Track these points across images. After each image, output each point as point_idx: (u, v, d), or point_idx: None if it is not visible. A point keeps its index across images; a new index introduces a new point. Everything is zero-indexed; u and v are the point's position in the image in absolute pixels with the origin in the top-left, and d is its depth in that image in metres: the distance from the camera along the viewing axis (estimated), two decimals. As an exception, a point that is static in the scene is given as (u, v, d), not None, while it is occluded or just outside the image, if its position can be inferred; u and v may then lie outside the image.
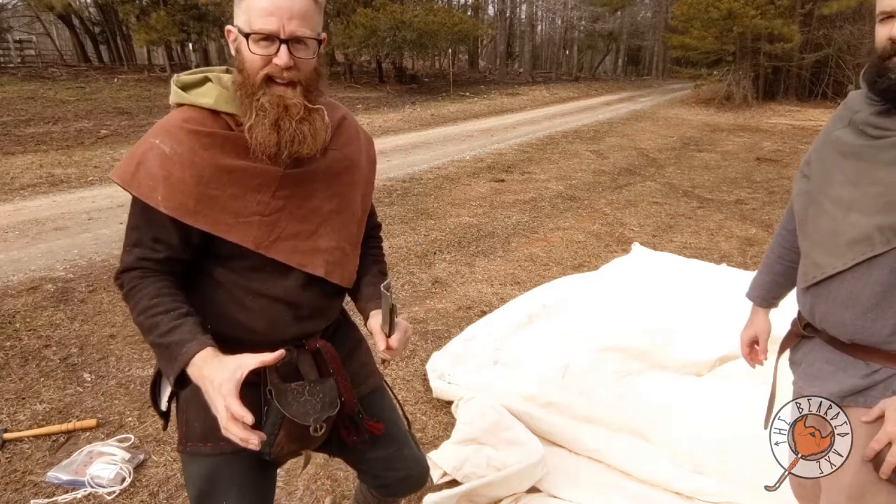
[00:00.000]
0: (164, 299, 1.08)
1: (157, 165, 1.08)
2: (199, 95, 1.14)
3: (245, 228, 1.12)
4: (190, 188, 1.08)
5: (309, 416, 1.17)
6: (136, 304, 1.09)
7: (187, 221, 1.08)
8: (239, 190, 1.12)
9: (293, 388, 1.19)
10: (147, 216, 1.10)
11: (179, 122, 1.11)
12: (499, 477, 2.12)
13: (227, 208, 1.11)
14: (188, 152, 1.08)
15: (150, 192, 1.07)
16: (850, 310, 1.19)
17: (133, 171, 1.09)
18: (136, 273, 1.11)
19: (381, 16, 20.20)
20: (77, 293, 4.09)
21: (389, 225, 5.82)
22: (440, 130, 13.11)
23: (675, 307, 3.52)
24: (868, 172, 1.17)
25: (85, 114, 12.94)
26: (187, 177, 1.08)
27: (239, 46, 1.09)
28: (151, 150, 1.09)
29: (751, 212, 6.50)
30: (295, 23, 1.05)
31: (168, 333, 1.05)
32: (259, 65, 1.07)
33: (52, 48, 28.39)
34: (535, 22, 41.22)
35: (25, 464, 2.38)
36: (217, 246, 1.14)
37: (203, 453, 1.21)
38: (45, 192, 6.97)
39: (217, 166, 1.10)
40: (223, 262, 1.17)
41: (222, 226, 1.11)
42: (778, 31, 18.82)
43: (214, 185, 1.10)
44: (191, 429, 1.22)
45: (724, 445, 2.35)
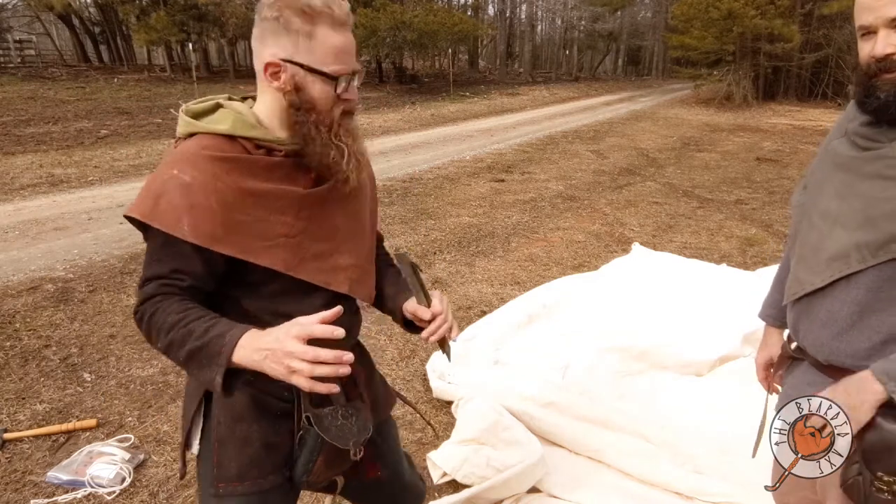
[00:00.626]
0: (192, 311, 1.04)
1: (180, 195, 1.04)
2: (213, 122, 1.12)
3: (274, 251, 1.11)
4: (216, 215, 1.05)
5: (348, 439, 1.15)
6: (163, 324, 1.02)
7: (217, 249, 1.06)
8: (264, 213, 1.10)
9: (327, 413, 1.17)
10: (168, 248, 1.05)
11: (197, 149, 1.08)
12: (499, 480, 2.12)
13: (254, 232, 1.09)
14: (211, 179, 1.06)
15: (175, 224, 1.03)
16: (828, 329, 1.16)
17: (153, 205, 1.04)
18: (156, 298, 1.05)
19: (381, 16, 20.21)
20: (77, 293, 4.09)
21: (389, 225, 5.82)
22: (440, 130, 13.11)
23: (675, 307, 3.52)
24: (853, 185, 1.13)
25: (85, 114, 12.94)
26: (212, 203, 1.05)
27: (301, 82, 1.08)
28: (171, 181, 1.05)
29: (751, 212, 6.50)
30: (354, 58, 1.11)
31: (204, 333, 1.00)
32: (333, 100, 1.10)
33: (52, 48, 28.40)
34: (535, 22, 41.24)
35: (25, 464, 2.38)
36: (243, 273, 1.11)
37: (238, 493, 1.18)
38: (45, 192, 6.97)
39: (241, 190, 1.08)
40: (249, 288, 1.14)
41: (251, 251, 1.09)
42: (778, 31, 18.83)
43: (239, 210, 1.08)
44: (224, 470, 1.18)
45: (724, 445, 2.35)
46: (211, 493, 1.19)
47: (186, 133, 1.13)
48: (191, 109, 1.15)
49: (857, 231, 1.10)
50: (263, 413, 1.18)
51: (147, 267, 1.08)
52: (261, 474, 1.18)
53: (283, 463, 1.20)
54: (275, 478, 1.20)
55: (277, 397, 1.19)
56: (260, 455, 1.18)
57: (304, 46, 1.06)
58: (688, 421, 2.53)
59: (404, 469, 1.49)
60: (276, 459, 1.20)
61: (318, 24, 1.05)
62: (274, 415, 1.19)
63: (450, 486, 2.23)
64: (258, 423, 1.18)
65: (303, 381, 0.93)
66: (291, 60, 1.07)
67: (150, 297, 1.05)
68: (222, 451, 1.18)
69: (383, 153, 9.92)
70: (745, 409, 2.49)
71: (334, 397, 1.22)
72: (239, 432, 1.17)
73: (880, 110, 1.08)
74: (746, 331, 3.10)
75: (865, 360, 1.12)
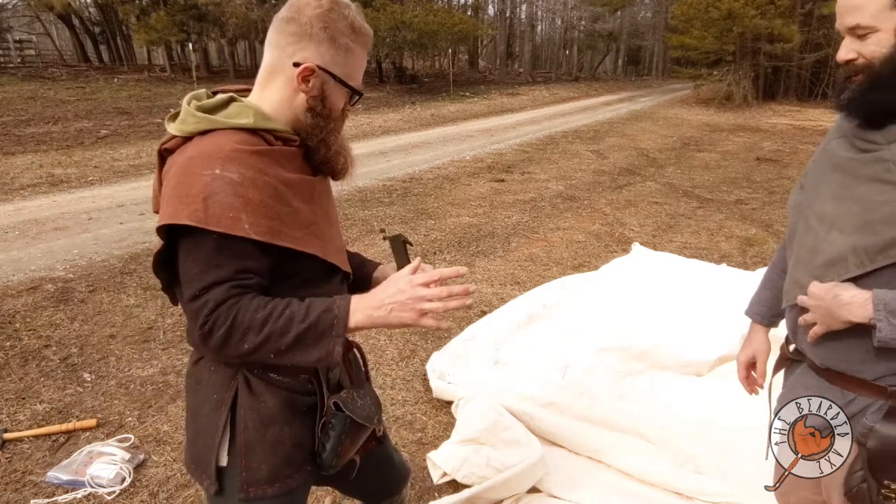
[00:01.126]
0: (276, 302, 1.04)
1: (231, 194, 1.01)
2: (232, 117, 1.11)
3: (311, 239, 1.14)
4: (270, 209, 1.05)
5: (372, 416, 1.24)
6: (251, 324, 1.01)
7: (276, 242, 1.05)
8: (298, 202, 1.13)
9: (344, 396, 1.23)
10: (226, 250, 1.02)
11: (233, 145, 1.06)
12: (499, 480, 2.12)
13: (296, 222, 1.11)
14: (258, 174, 1.05)
15: (234, 224, 1.00)
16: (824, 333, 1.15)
17: (203, 208, 0.99)
18: (230, 302, 1.02)
19: (381, 16, 20.21)
20: (77, 293, 4.09)
21: (389, 225, 5.82)
22: (440, 130, 13.11)
23: (675, 307, 3.52)
24: (851, 188, 1.12)
25: (85, 114, 12.95)
26: (265, 198, 1.05)
27: (328, 89, 1.14)
28: (217, 181, 1.01)
29: (751, 212, 6.50)
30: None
31: (307, 315, 1.03)
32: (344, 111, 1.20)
33: (52, 48, 28.40)
34: (535, 22, 41.25)
35: (25, 464, 2.38)
36: (282, 266, 1.11)
37: (270, 496, 1.18)
38: (45, 192, 6.97)
39: (283, 181, 1.09)
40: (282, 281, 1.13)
41: (298, 240, 1.11)
42: (778, 31, 18.83)
43: (283, 201, 1.09)
44: (254, 473, 1.16)
45: (724, 445, 2.35)
46: (240, 498, 1.16)
47: (200, 130, 1.09)
48: (203, 105, 1.12)
49: (855, 235, 1.09)
50: (294, 413, 1.19)
51: (204, 274, 1.02)
52: (291, 474, 1.20)
53: (308, 458, 1.23)
54: (300, 475, 1.22)
55: (304, 393, 1.20)
56: (291, 455, 1.19)
57: (341, 60, 1.13)
58: (688, 421, 2.53)
59: (391, 449, 1.54)
60: (304, 456, 1.22)
61: (357, 43, 1.14)
62: (303, 412, 1.21)
63: (450, 486, 2.23)
64: (290, 425, 1.18)
65: (431, 321, 1.06)
66: (326, 69, 1.12)
67: (223, 302, 1.01)
68: (251, 455, 1.16)
69: (383, 153, 9.92)
70: (745, 409, 2.49)
71: (344, 381, 1.28)
72: (270, 436, 1.16)
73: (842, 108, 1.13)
74: (746, 331, 3.10)
75: (860, 365, 1.11)
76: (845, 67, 1.11)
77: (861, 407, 1.12)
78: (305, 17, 1.08)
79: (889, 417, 1.09)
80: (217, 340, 1.01)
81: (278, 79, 1.12)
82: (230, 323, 1.00)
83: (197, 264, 1.02)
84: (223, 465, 1.16)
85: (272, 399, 1.15)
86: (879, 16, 1.03)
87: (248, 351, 1.02)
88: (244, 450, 1.16)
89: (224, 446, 1.16)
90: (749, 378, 1.55)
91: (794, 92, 22.63)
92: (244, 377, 1.15)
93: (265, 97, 1.14)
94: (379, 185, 7.50)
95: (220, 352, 1.03)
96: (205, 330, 1.01)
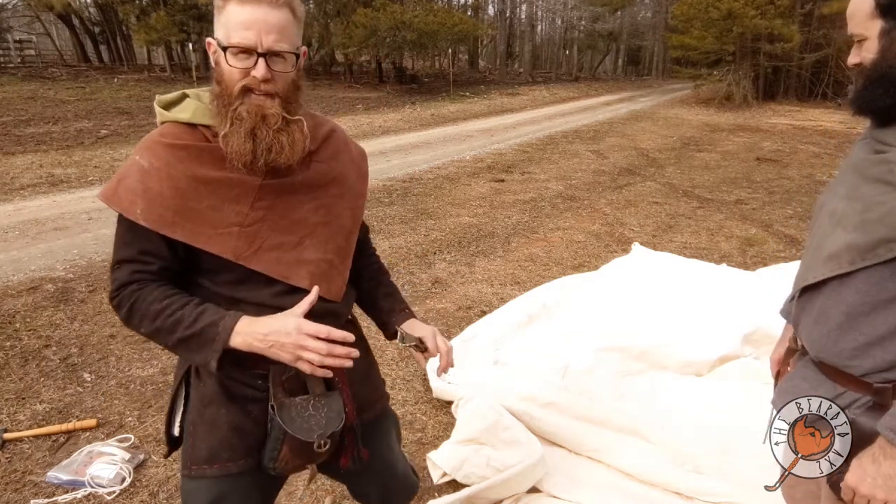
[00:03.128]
0: (174, 299, 1.09)
1: (137, 180, 1.10)
2: (178, 111, 1.16)
3: (224, 239, 1.11)
4: (167, 200, 1.09)
5: (313, 431, 1.16)
6: (146, 313, 1.09)
7: (166, 233, 1.09)
8: (216, 201, 1.12)
9: (297, 402, 1.18)
10: (133, 231, 1.11)
11: (157, 137, 1.14)
12: (499, 479, 2.12)
13: (206, 220, 1.11)
14: (165, 166, 1.10)
15: (130, 207, 1.09)
16: (819, 327, 1.19)
17: (115, 188, 1.11)
18: (133, 287, 1.10)
19: (381, 16, 20.20)
20: (77, 293, 4.09)
21: (389, 225, 5.82)
22: (440, 130, 13.11)
23: (675, 307, 3.52)
24: (858, 187, 1.16)
25: (85, 114, 12.94)
26: (164, 189, 1.09)
27: (217, 59, 1.10)
28: (132, 167, 1.12)
29: (751, 212, 6.50)
30: (272, 37, 1.07)
31: (195, 322, 1.07)
32: (237, 77, 1.08)
33: (52, 48, 28.39)
34: (535, 22, 41.22)
35: (25, 464, 2.38)
36: (200, 259, 1.14)
37: (208, 476, 1.20)
38: (45, 192, 6.97)
39: (193, 177, 1.11)
40: (208, 275, 1.16)
41: (202, 237, 1.11)
42: (778, 31, 18.82)
43: (192, 197, 1.10)
44: (196, 451, 1.20)
45: (724, 445, 2.35)
46: (185, 473, 1.22)
47: (161, 122, 1.17)
48: (162, 100, 1.19)
49: (853, 233, 1.12)
50: (232, 398, 1.20)
51: (116, 249, 1.14)
52: (231, 458, 1.19)
53: (256, 448, 1.21)
54: (245, 463, 1.21)
55: (247, 384, 1.20)
56: (229, 439, 1.19)
57: (221, 22, 1.09)
58: (688, 421, 2.53)
59: (398, 462, 1.50)
60: (247, 444, 1.21)
61: (229, 0, 1.08)
62: (243, 399, 1.20)
63: (450, 486, 2.23)
64: (226, 408, 1.19)
65: (307, 367, 1.08)
66: (216, 40, 1.10)
67: (127, 284, 1.11)
68: (195, 434, 1.21)
69: (383, 153, 9.92)
70: (745, 409, 2.49)
71: (310, 386, 1.21)
72: (208, 415, 1.19)
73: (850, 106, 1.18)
74: (746, 331, 3.11)
75: (849, 360, 1.14)
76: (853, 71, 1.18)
77: (850, 401, 1.15)
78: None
79: (871, 412, 1.12)
80: (121, 317, 1.12)
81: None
82: (129, 307, 1.10)
83: (116, 239, 1.15)
84: (175, 433, 1.25)
85: (210, 380, 1.19)
86: (864, 24, 1.12)
87: (145, 335, 1.12)
88: (191, 428, 1.22)
89: (176, 417, 1.25)
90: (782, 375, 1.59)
91: (794, 92, 22.62)
92: None
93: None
94: (379, 185, 7.50)
95: (126, 326, 1.14)
96: (113, 305, 1.13)
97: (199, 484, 1.21)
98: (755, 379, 2.82)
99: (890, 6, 1.08)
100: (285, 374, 1.18)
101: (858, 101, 1.16)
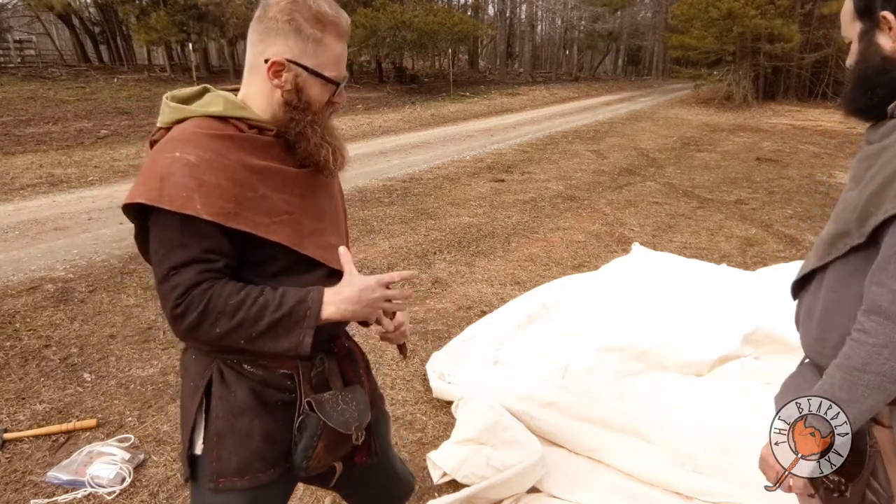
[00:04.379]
0: (250, 289, 1.07)
1: (186, 175, 1.03)
2: (204, 106, 1.15)
3: (279, 227, 1.13)
4: (227, 191, 1.06)
5: (350, 423, 1.17)
6: (224, 310, 1.03)
7: (231, 225, 1.06)
8: (267, 189, 1.13)
9: (327, 398, 1.19)
10: (191, 230, 1.04)
11: (195, 129, 1.09)
12: (499, 479, 2.12)
13: (262, 208, 1.11)
14: (216, 156, 1.07)
15: (187, 203, 1.02)
16: (806, 325, 1.20)
17: (159, 188, 1.02)
18: (203, 286, 1.04)
19: (381, 16, 20.21)
20: (77, 293, 4.09)
21: (389, 225, 5.82)
22: (440, 130, 13.11)
23: (675, 307, 3.52)
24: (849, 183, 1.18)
25: (85, 114, 12.95)
26: (222, 180, 1.06)
27: (302, 83, 1.14)
28: (175, 163, 1.04)
29: (751, 212, 6.50)
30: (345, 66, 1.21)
31: (281, 304, 1.06)
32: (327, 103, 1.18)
33: (52, 48, 28.38)
34: (535, 22, 41.22)
35: (25, 464, 2.38)
36: (248, 252, 1.12)
37: (238, 488, 1.18)
38: (45, 192, 6.98)
39: (247, 166, 1.10)
40: (255, 267, 1.14)
41: (262, 227, 1.10)
42: (778, 31, 18.83)
43: (247, 186, 1.10)
44: (224, 464, 1.17)
45: (724, 445, 2.35)
46: (209, 487, 1.18)
47: (175, 119, 1.14)
48: (178, 96, 1.18)
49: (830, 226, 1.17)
50: (265, 406, 1.19)
51: (169, 254, 1.04)
52: (261, 468, 1.19)
53: (284, 455, 1.21)
54: (274, 472, 1.20)
55: (278, 388, 1.20)
56: (261, 449, 1.18)
57: (311, 51, 1.12)
58: (688, 421, 2.53)
59: (395, 461, 1.51)
60: (277, 452, 1.20)
61: (326, 32, 1.12)
62: (274, 407, 1.20)
63: (450, 486, 2.23)
64: (259, 418, 1.18)
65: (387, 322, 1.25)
66: (297, 62, 1.11)
67: (196, 285, 1.03)
68: (221, 445, 1.18)
69: (383, 153, 9.93)
70: (745, 409, 2.49)
71: (332, 382, 1.24)
72: (239, 427, 1.17)
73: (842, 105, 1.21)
74: (746, 331, 3.11)
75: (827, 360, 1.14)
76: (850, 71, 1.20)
77: None
78: (271, 12, 1.10)
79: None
80: (188, 324, 1.03)
81: (256, 76, 1.15)
82: (203, 308, 1.02)
83: (163, 245, 1.05)
84: (197, 452, 1.19)
85: (241, 390, 1.17)
86: (849, 27, 1.17)
87: (218, 336, 1.05)
88: (216, 439, 1.18)
89: (199, 434, 1.19)
90: None
91: (794, 92, 22.62)
92: (218, 367, 1.17)
93: (248, 95, 1.18)
94: (379, 185, 7.50)
95: (189, 335, 1.05)
96: (177, 313, 1.02)
97: (226, 497, 1.18)
98: (755, 379, 2.82)
99: (864, 9, 1.11)
100: (313, 371, 1.20)
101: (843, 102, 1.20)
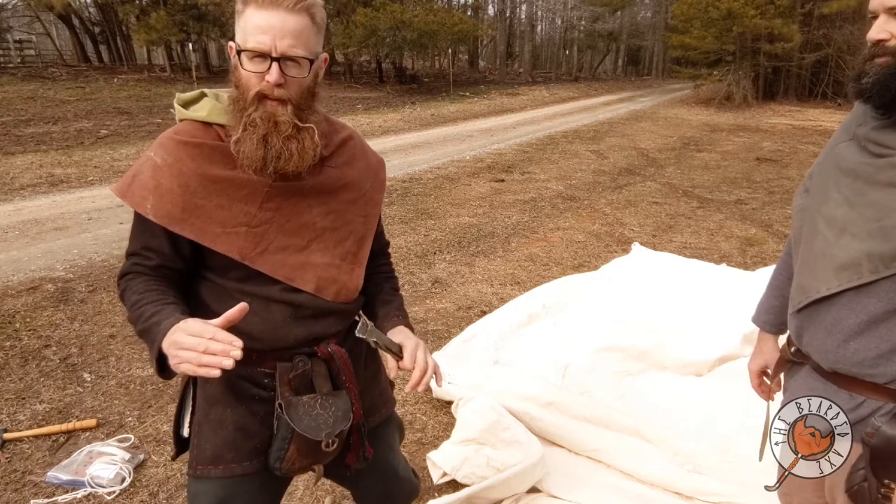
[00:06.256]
0: (150, 294, 1.11)
1: (149, 176, 1.12)
2: (195, 110, 1.17)
3: (231, 238, 1.12)
4: (176, 197, 1.10)
5: (321, 430, 1.15)
6: (127, 301, 1.13)
7: (174, 229, 1.10)
8: (225, 200, 1.12)
9: (305, 401, 1.17)
10: (142, 226, 1.14)
11: (171, 134, 1.16)
12: (499, 479, 2.12)
13: (214, 218, 1.12)
14: (176, 162, 1.12)
15: (141, 202, 1.11)
16: (833, 336, 1.14)
17: (129, 183, 1.13)
18: (128, 277, 1.15)
19: (380, 16, 20.21)
20: (77, 293, 4.09)
21: (389, 225, 5.82)
22: (440, 130, 13.10)
23: (675, 307, 3.52)
24: (865, 193, 1.10)
25: (85, 114, 12.94)
26: (174, 186, 1.10)
27: (236, 62, 1.10)
28: (146, 163, 1.14)
29: (751, 212, 6.50)
30: (287, 42, 1.05)
31: (148, 319, 1.06)
32: (254, 82, 1.08)
33: (52, 48, 28.38)
34: (535, 22, 41.20)
35: (25, 464, 2.38)
36: (207, 257, 1.15)
37: (212, 476, 1.19)
38: (45, 192, 6.97)
39: (203, 176, 1.12)
40: (216, 272, 1.17)
41: (208, 235, 1.11)
42: (778, 31, 18.83)
43: (201, 195, 1.11)
44: (201, 451, 1.20)
45: (724, 445, 2.35)
46: (190, 473, 1.22)
47: (179, 120, 1.19)
48: (182, 98, 1.21)
49: (869, 241, 1.07)
50: (238, 397, 1.19)
51: (129, 241, 1.17)
52: (235, 459, 1.19)
53: (262, 450, 1.21)
54: (250, 464, 1.20)
55: (254, 383, 1.20)
56: (234, 439, 1.19)
57: (239, 26, 1.09)
58: (688, 421, 2.53)
59: (398, 464, 1.50)
60: (253, 445, 1.20)
61: (248, 4, 1.07)
62: (249, 399, 1.20)
63: (450, 486, 2.23)
64: (231, 408, 1.19)
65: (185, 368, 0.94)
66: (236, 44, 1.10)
67: (125, 274, 1.15)
68: (200, 433, 1.21)
69: (383, 153, 9.86)
70: (745, 409, 2.49)
71: (318, 385, 1.21)
72: (213, 415, 1.19)
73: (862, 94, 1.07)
74: (746, 331, 3.10)
75: (871, 369, 1.11)
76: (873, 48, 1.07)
77: (871, 409, 1.12)
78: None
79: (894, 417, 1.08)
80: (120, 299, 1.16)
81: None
82: (120, 293, 1.16)
83: (130, 233, 1.18)
84: (185, 434, 1.24)
85: (216, 381, 1.18)
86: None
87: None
88: (196, 428, 1.22)
89: (185, 419, 1.24)
90: (763, 385, 1.53)
91: (794, 92, 22.63)
92: None
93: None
94: (379, 185, 7.49)
95: None
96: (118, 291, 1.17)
97: (204, 485, 1.20)
98: (755, 379, 2.82)
99: None
100: (292, 373, 1.18)
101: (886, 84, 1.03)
